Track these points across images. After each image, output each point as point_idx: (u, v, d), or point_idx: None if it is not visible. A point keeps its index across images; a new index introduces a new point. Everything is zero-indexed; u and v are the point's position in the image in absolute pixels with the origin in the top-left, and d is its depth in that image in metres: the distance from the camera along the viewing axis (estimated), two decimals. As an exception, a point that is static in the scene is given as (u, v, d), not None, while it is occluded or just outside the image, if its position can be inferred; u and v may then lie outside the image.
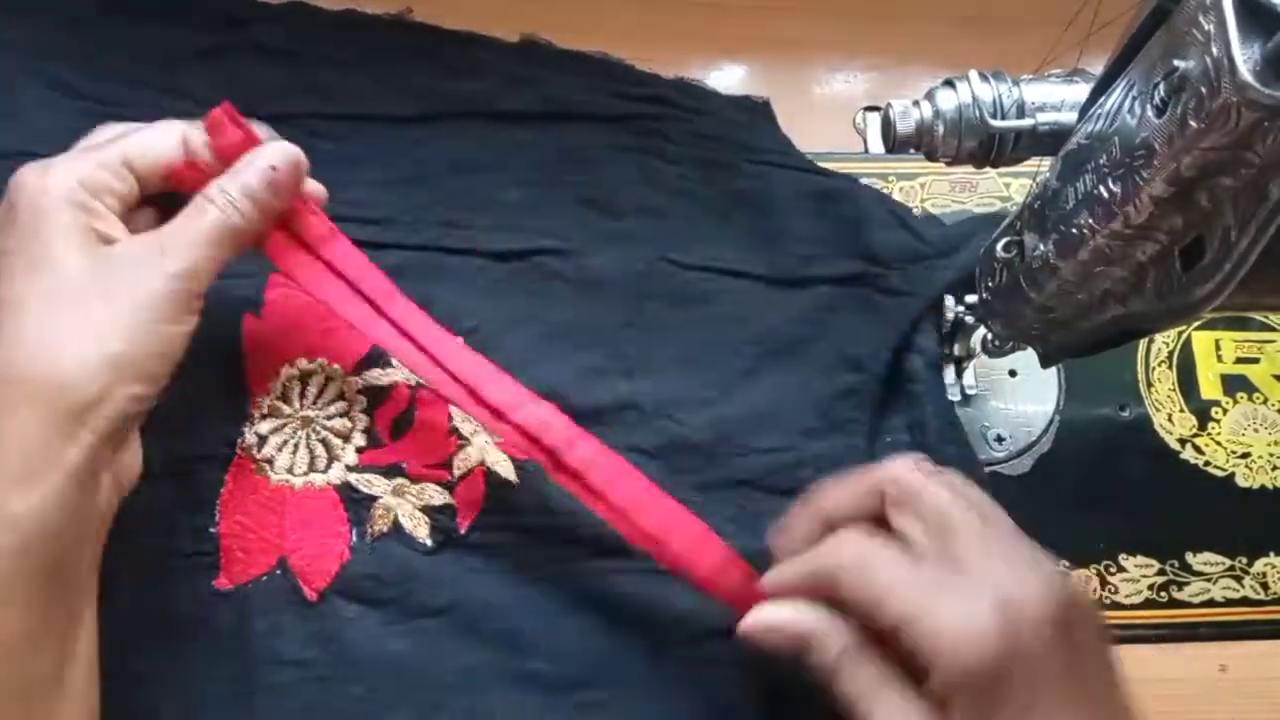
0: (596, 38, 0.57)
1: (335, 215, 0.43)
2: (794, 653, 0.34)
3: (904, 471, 0.35)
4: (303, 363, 0.44)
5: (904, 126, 0.38)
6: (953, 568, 0.32)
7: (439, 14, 0.53)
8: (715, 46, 0.58)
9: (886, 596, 0.32)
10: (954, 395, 0.49)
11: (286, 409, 0.43)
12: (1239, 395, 0.52)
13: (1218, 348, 0.53)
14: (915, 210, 0.53)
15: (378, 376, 0.44)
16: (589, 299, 0.47)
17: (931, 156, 0.39)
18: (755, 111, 0.52)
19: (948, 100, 0.37)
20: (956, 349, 0.49)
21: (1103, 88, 0.34)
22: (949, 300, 0.48)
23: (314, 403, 0.43)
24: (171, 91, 0.47)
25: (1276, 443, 0.52)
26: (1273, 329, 0.54)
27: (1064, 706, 0.30)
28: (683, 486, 0.43)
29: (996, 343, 0.46)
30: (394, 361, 0.44)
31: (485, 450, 0.44)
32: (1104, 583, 0.48)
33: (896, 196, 0.54)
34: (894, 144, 0.39)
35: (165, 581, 0.41)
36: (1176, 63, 0.28)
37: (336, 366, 0.44)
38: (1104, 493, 0.50)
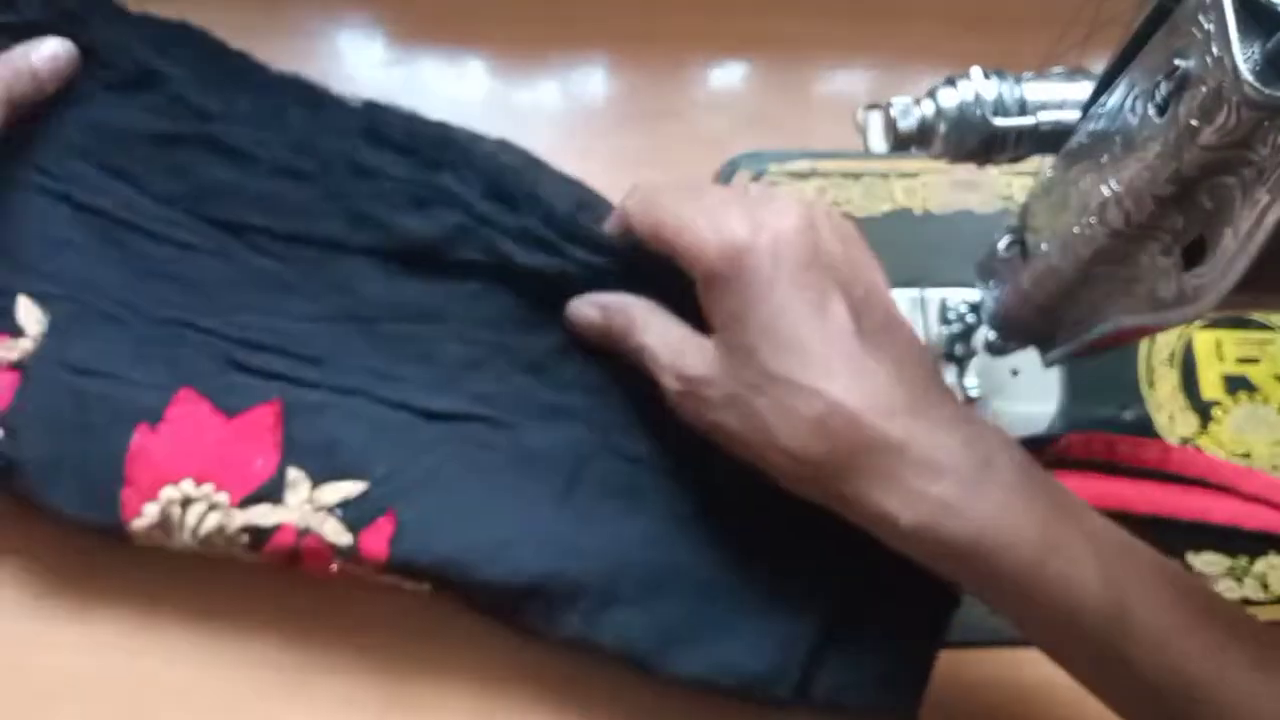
0: (597, 36, 0.57)
1: (261, 344, 0.42)
2: (617, 327, 0.42)
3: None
4: (188, 485, 0.40)
5: (905, 124, 0.38)
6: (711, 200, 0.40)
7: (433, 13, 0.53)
8: (715, 44, 0.58)
9: (663, 216, 0.39)
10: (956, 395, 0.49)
11: (160, 537, 0.41)
12: (1240, 395, 0.52)
13: (1219, 348, 0.53)
14: (917, 212, 0.52)
15: (264, 514, 0.41)
16: (517, 473, 0.43)
17: (933, 155, 0.39)
18: None
19: (949, 98, 0.37)
20: (957, 349, 0.49)
21: (1104, 86, 0.34)
22: (951, 300, 0.48)
23: (191, 535, 0.40)
24: (117, 174, 0.44)
25: (1277, 443, 0.51)
26: (1274, 329, 0.54)
27: (803, 285, 0.37)
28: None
29: (998, 342, 0.46)
30: (285, 499, 0.41)
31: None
32: (1104, 583, 0.48)
33: (898, 195, 0.54)
34: (895, 142, 0.39)
35: None
36: (1177, 62, 0.28)
37: (222, 496, 0.40)
38: (1104, 492, 0.50)
